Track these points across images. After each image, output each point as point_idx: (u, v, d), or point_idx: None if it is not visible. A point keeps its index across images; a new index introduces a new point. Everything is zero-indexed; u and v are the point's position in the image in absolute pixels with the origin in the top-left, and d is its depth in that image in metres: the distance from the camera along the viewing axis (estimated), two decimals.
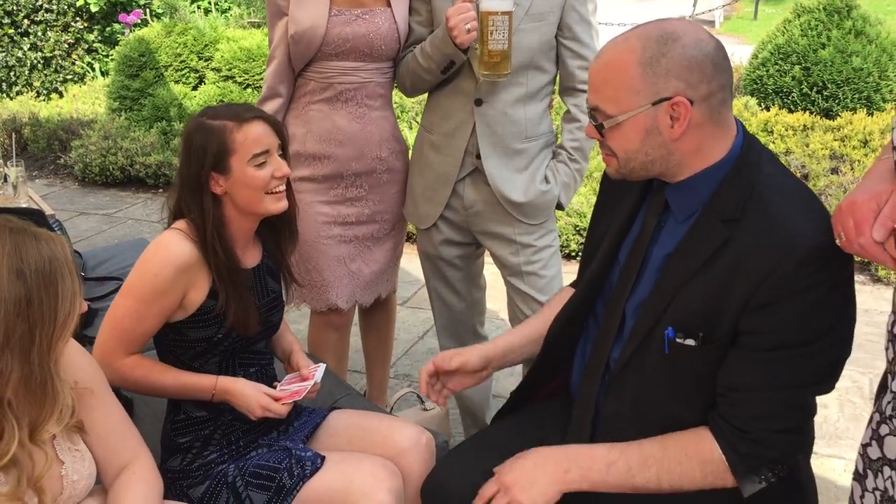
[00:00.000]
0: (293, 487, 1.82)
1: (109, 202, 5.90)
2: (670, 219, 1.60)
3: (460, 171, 2.45)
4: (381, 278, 2.69)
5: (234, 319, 1.87)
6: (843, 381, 3.40)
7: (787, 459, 1.52)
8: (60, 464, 1.50)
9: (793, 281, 1.41)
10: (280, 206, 1.90)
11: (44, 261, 1.33)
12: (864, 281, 4.43)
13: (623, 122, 1.50)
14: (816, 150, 5.19)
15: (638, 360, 1.61)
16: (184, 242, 1.83)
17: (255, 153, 1.84)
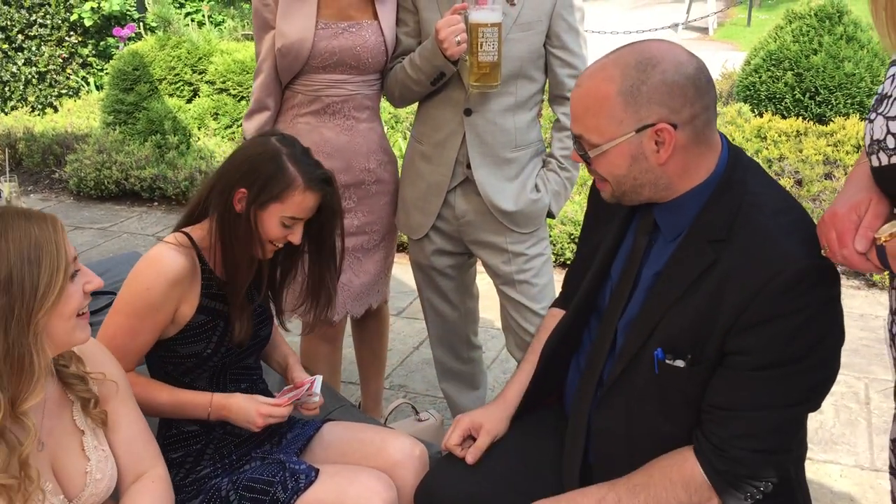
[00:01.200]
0: (287, 501, 1.81)
1: (104, 216, 5.90)
2: (659, 238, 1.60)
3: (451, 180, 2.46)
4: (372, 289, 2.69)
5: (236, 328, 1.88)
6: (838, 385, 3.42)
7: (763, 478, 1.51)
8: (86, 460, 1.55)
9: (778, 304, 1.41)
10: (266, 256, 1.93)
11: (30, 238, 1.38)
12: (858, 286, 4.44)
13: (608, 150, 1.51)
14: (810, 155, 5.20)
15: (627, 379, 1.61)
16: (176, 255, 1.83)
17: (293, 216, 1.87)
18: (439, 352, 2.79)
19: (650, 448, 1.59)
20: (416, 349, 3.87)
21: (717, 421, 1.51)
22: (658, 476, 1.54)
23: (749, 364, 1.45)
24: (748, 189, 1.52)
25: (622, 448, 1.62)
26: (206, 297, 1.88)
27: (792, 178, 5.13)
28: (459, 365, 2.81)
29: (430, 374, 3.59)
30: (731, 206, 1.50)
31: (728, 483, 1.50)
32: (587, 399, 1.70)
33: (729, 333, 1.46)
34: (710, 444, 1.51)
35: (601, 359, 1.68)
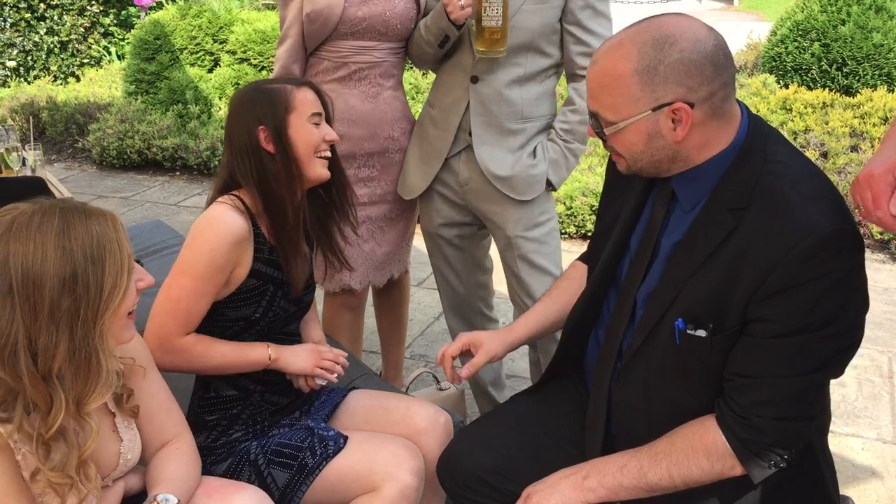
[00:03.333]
0: (316, 467, 1.83)
1: (127, 185, 5.94)
2: (677, 208, 1.59)
3: (453, 146, 2.45)
4: (394, 259, 2.70)
5: (292, 277, 1.92)
6: (861, 359, 3.41)
7: (786, 446, 1.51)
8: (119, 441, 1.57)
9: (800, 271, 1.40)
10: (325, 174, 1.94)
11: (91, 236, 1.36)
12: (883, 259, 4.40)
13: (624, 127, 1.50)
14: (836, 127, 5.14)
15: (647, 350, 1.61)
16: (235, 215, 1.83)
17: (313, 112, 1.91)
18: (453, 322, 2.79)
19: (670, 419, 1.59)
20: (437, 319, 3.88)
21: (738, 388, 1.50)
22: (680, 444, 1.54)
23: (770, 332, 1.45)
24: (768, 157, 1.50)
25: (643, 420, 1.62)
26: (258, 261, 1.89)
27: (817, 151, 5.07)
28: None
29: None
30: (751, 175, 1.49)
31: (750, 451, 1.50)
32: (607, 372, 1.70)
33: (750, 302, 1.45)
34: (731, 412, 1.51)
35: (620, 331, 1.67)
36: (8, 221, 1.34)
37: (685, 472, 1.53)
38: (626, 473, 1.56)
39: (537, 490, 1.61)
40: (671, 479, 1.54)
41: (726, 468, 1.52)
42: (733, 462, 1.52)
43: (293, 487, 1.82)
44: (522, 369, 3.43)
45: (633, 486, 1.56)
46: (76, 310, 1.35)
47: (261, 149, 1.87)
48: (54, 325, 1.34)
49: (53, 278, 1.32)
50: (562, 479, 1.61)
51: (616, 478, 1.57)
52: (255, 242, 1.88)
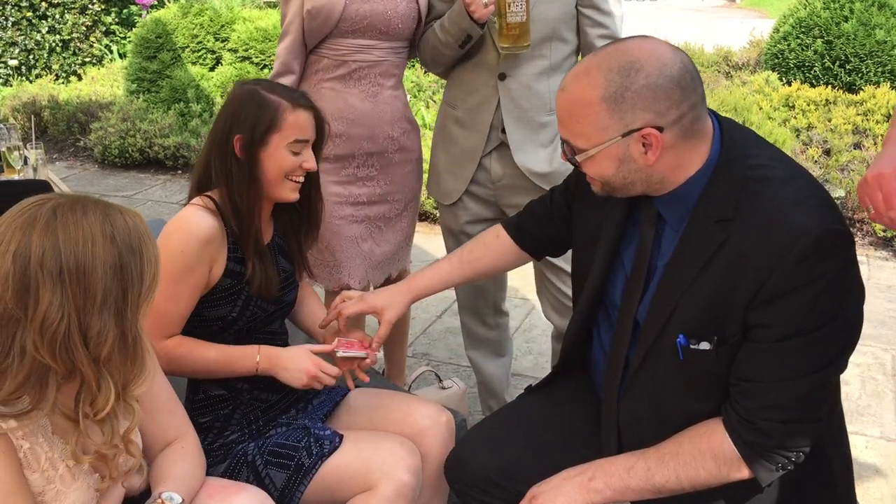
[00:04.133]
0: (312, 466, 1.82)
1: (129, 184, 5.93)
2: (667, 228, 1.59)
3: (486, 145, 2.44)
4: (393, 258, 2.69)
5: (258, 285, 1.89)
6: (864, 357, 3.40)
7: (792, 448, 1.50)
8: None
9: (795, 275, 1.40)
10: (292, 197, 1.91)
11: (129, 228, 1.39)
12: (886, 257, 4.39)
13: (594, 154, 1.49)
14: (839, 124, 5.13)
15: (650, 367, 1.61)
16: (205, 215, 1.84)
17: (297, 139, 1.86)
18: (467, 318, 2.80)
19: (679, 427, 1.58)
20: (439, 318, 3.88)
21: (743, 393, 1.50)
22: (688, 446, 1.54)
23: (772, 336, 1.45)
24: (749, 163, 1.50)
25: (649, 433, 1.61)
26: (233, 260, 1.89)
27: (820, 148, 5.06)
28: (486, 331, 2.81)
29: (452, 342, 3.61)
30: (734, 184, 1.48)
31: (757, 454, 1.50)
32: (614, 391, 1.70)
33: (749, 309, 1.45)
34: (737, 416, 1.51)
35: (623, 351, 1.68)
36: (50, 210, 1.35)
37: (692, 475, 1.52)
38: (633, 475, 1.55)
39: (542, 491, 1.59)
40: (678, 481, 1.53)
41: (733, 471, 1.52)
42: (740, 465, 1.51)
43: (291, 487, 1.82)
44: (526, 367, 3.43)
45: (640, 488, 1.56)
46: (124, 296, 1.37)
47: (233, 152, 1.86)
48: (106, 311, 1.36)
49: (105, 265, 1.35)
50: (566, 479, 1.59)
51: (623, 479, 1.56)
52: (227, 242, 1.88)
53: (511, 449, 1.79)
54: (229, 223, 1.89)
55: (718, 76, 6.45)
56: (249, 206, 1.86)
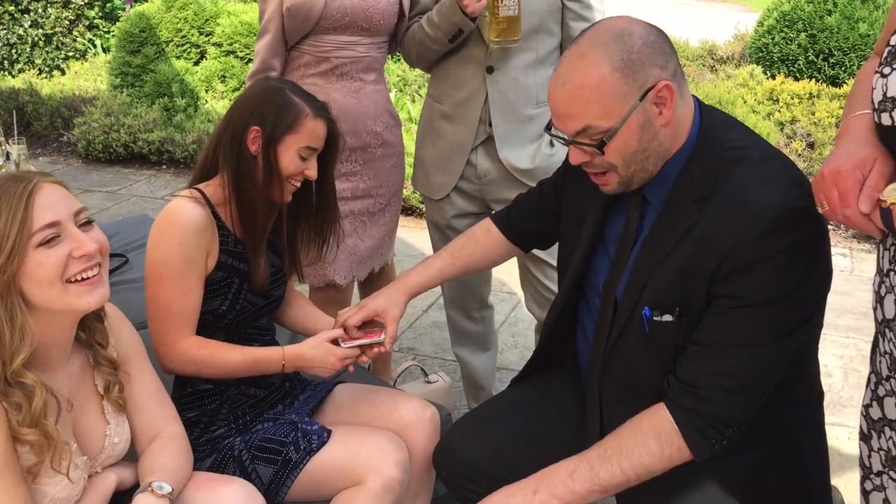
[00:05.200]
0: (300, 461, 1.82)
1: (113, 179, 5.90)
2: (650, 210, 1.62)
3: (474, 139, 2.44)
4: (377, 253, 2.70)
5: (259, 279, 1.90)
6: (847, 349, 3.42)
7: (731, 420, 1.51)
8: (106, 424, 1.59)
9: (756, 250, 1.43)
10: (286, 199, 1.92)
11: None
12: (869, 249, 4.42)
13: (619, 129, 1.50)
14: (822, 118, 5.15)
15: (624, 343, 1.63)
16: (193, 206, 1.84)
17: (308, 146, 1.88)
18: (452, 312, 2.80)
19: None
20: (425, 312, 3.88)
21: (692, 356, 1.52)
22: (629, 433, 1.54)
23: (730, 304, 1.48)
24: (725, 145, 1.54)
25: (632, 411, 1.62)
26: (224, 253, 1.88)
27: (804, 141, 5.08)
28: (471, 325, 2.82)
29: (438, 336, 3.61)
30: (711, 164, 1.52)
31: (695, 425, 1.50)
32: (596, 372, 1.72)
33: (713, 282, 1.48)
34: (679, 382, 1.52)
35: (605, 332, 1.69)
36: None
37: (636, 462, 1.52)
38: (577, 478, 1.54)
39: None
40: (623, 474, 1.52)
41: (674, 450, 1.52)
42: (680, 442, 1.51)
43: (278, 482, 1.82)
44: (512, 361, 3.44)
45: (587, 491, 1.54)
46: None
47: (245, 143, 1.86)
48: None
49: None
50: (509, 496, 1.57)
51: (567, 485, 1.54)
52: (219, 234, 1.88)
53: (498, 438, 1.80)
54: (220, 216, 1.88)
55: (703, 70, 6.47)
56: (267, 198, 1.88)
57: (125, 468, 1.65)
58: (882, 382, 1.42)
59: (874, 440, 1.46)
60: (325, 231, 2.07)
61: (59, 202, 1.45)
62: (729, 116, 1.63)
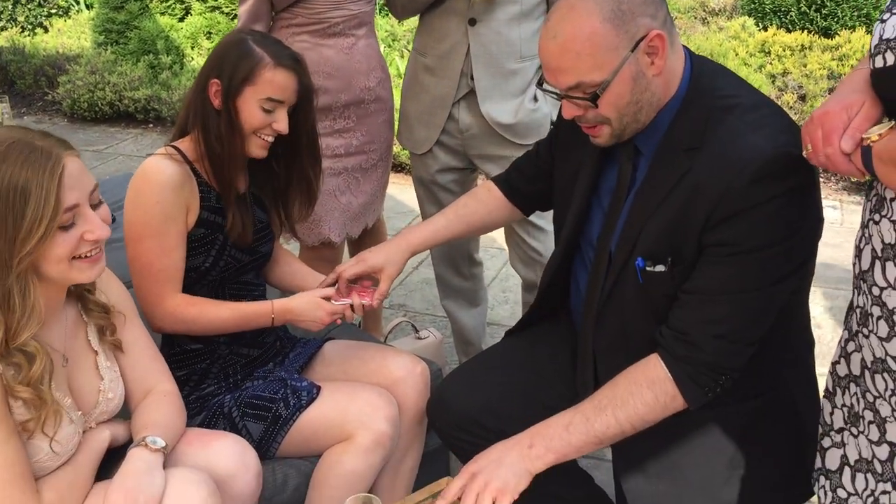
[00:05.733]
0: (289, 417, 1.83)
1: (99, 138, 5.84)
2: (642, 160, 1.61)
3: (456, 93, 2.42)
4: (370, 209, 2.69)
5: (237, 234, 1.87)
6: (837, 300, 3.43)
7: (723, 368, 1.52)
8: (100, 379, 1.59)
9: (746, 197, 1.43)
10: (258, 154, 1.88)
11: (17, 180, 1.36)
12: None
13: (612, 81, 1.48)
14: (814, 70, 5.12)
15: (618, 294, 1.63)
16: (168, 163, 1.81)
17: (269, 97, 1.82)
18: (441, 269, 2.80)
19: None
20: (416, 269, 3.88)
21: (684, 305, 1.53)
22: (623, 384, 1.55)
23: (722, 252, 1.48)
24: (716, 94, 1.54)
25: (626, 361, 1.63)
26: (205, 209, 1.87)
27: (795, 94, 5.06)
28: (461, 281, 2.82)
29: (429, 293, 3.61)
30: (702, 113, 1.52)
31: (687, 374, 1.51)
32: (590, 322, 1.72)
33: (704, 230, 1.48)
34: (671, 331, 1.53)
35: (599, 284, 1.69)
36: None
37: (631, 412, 1.53)
38: (573, 431, 1.54)
39: (482, 467, 1.56)
40: (619, 424, 1.53)
41: (669, 399, 1.53)
42: (674, 390, 1.52)
43: (268, 438, 1.83)
44: (503, 317, 3.44)
45: (582, 443, 1.55)
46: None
47: (208, 98, 1.83)
48: None
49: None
50: (505, 452, 1.57)
51: (563, 438, 1.55)
52: (199, 191, 1.86)
53: (491, 388, 1.80)
54: (199, 172, 1.86)
55: (695, 22, 6.40)
56: (230, 154, 1.84)
57: (118, 425, 1.66)
58: (852, 338, 1.43)
59: (838, 397, 1.48)
60: (310, 188, 2.03)
61: (78, 181, 1.43)
62: (719, 65, 1.63)
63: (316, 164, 2.01)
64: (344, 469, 1.81)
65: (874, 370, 1.36)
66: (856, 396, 1.42)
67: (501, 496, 1.52)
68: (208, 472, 1.58)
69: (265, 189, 2.02)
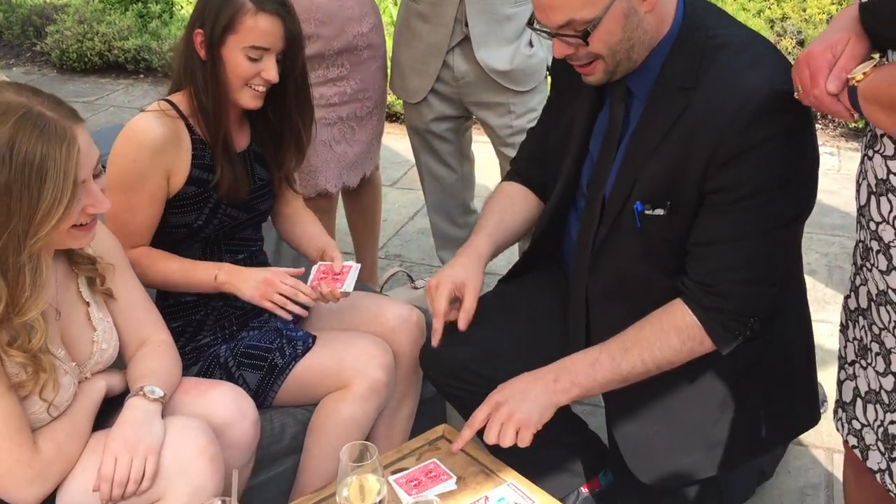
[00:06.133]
0: (286, 366, 1.84)
1: (89, 89, 5.77)
2: (634, 102, 1.60)
3: (450, 40, 2.38)
4: (366, 157, 2.67)
5: (227, 189, 1.83)
6: (832, 246, 3.43)
7: (750, 313, 1.55)
8: (93, 330, 1.59)
9: (748, 135, 1.43)
10: (252, 105, 1.83)
11: (35, 156, 1.32)
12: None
13: (603, 17, 1.47)
14: (813, 14, 5.06)
15: (614, 240, 1.63)
16: (155, 123, 1.78)
17: (252, 45, 1.76)
18: (437, 218, 2.79)
19: (650, 303, 1.61)
20: (411, 219, 3.86)
21: (701, 258, 1.54)
22: (649, 329, 1.57)
23: (728, 198, 1.48)
24: (709, 33, 1.53)
25: (620, 311, 1.63)
26: (198, 167, 1.84)
27: (794, 39, 5.00)
28: (456, 230, 2.81)
29: (424, 243, 3.60)
30: (695, 52, 1.51)
31: (716, 321, 1.54)
32: (583, 271, 1.72)
33: (706, 174, 1.48)
34: (695, 283, 1.55)
35: (592, 229, 1.69)
36: None
37: (658, 356, 1.56)
38: (599, 368, 1.58)
39: (507, 397, 1.58)
40: (644, 365, 1.56)
41: (696, 344, 1.56)
42: (702, 336, 1.55)
43: (265, 387, 1.84)
44: (498, 266, 3.42)
45: (607, 380, 1.58)
46: (7, 220, 1.33)
47: (194, 50, 1.79)
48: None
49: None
50: (530, 384, 1.59)
51: (588, 374, 1.58)
52: (193, 148, 1.82)
53: (485, 336, 1.81)
54: (194, 127, 1.83)
55: None
56: (216, 107, 1.80)
57: (114, 375, 1.66)
58: (858, 272, 1.45)
59: (850, 330, 1.50)
60: (299, 137, 1.98)
61: (86, 156, 1.41)
62: (711, 4, 1.61)
63: (305, 113, 1.96)
64: (341, 417, 1.82)
65: (879, 302, 1.38)
66: (864, 329, 1.44)
67: (525, 428, 1.55)
68: (206, 421, 1.59)
69: (265, 142, 1.98)
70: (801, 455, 2.36)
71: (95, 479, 1.48)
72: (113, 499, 1.47)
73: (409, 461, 1.67)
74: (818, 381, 1.86)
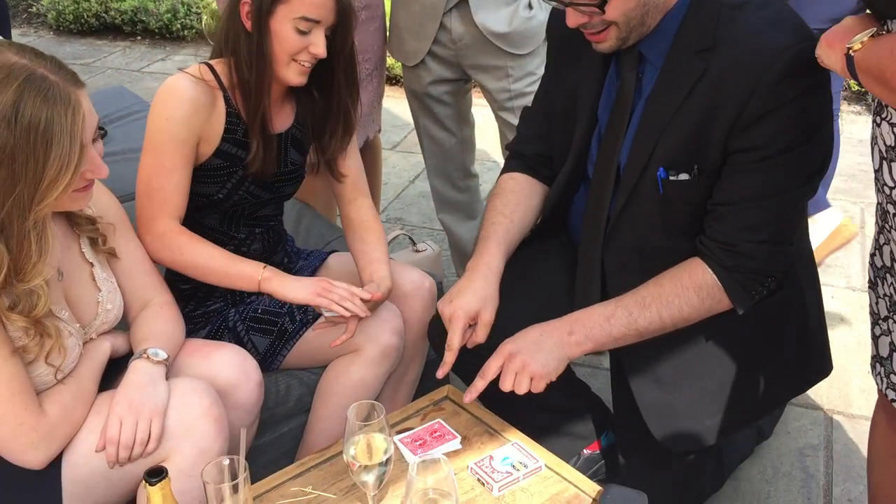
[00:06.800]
0: (296, 332, 1.84)
1: (86, 51, 5.72)
2: (647, 68, 1.59)
3: (447, 1, 2.35)
4: (368, 119, 2.64)
5: (256, 168, 1.78)
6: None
7: (771, 271, 1.56)
8: (97, 290, 1.59)
9: (778, 93, 1.43)
10: (297, 81, 1.76)
11: (40, 121, 1.31)
12: (859, 111, 4.38)
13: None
14: None
15: (632, 208, 1.62)
16: (190, 83, 1.73)
17: (303, 16, 1.69)
18: (437, 181, 2.78)
19: (665, 268, 1.61)
20: (412, 182, 3.85)
21: (722, 218, 1.54)
22: (668, 285, 1.57)
23: (757, 156, 1.48)
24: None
25: (638, 279, 1.63)
26: (228, 141, 1.79)
27: None
28: (456, 194, 2.80)
29: (426, 206, 3.60)
30: (711, 13, 1.50)
31: (737, 281, 1.55)
32: (597, 241, 1.71)
33: (732, 133, 1.48)
34: (716, 243, 1.55)
35: (606, 199, 1.67)
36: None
37: (675, 313, 1.56)
38: (615, 322, 1.58)
39: (520, 348, 1.58)
40: (661, 322, 1.57)
41: (714, 302, 1.57)
42: (721, 295, 1.56)
43: (273, 352, 1.84)
44: None
45: (622, 335, 1.59)
46: (12, 185, 1.32)
47: (240, 20, 1.72)
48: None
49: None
50: (544, 336, 1.59)
51: (603, 328, 1.58)
52: (226, 121, 1.77)
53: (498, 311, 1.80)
54: (232, 101, 1.78)
55: None
56: (259, 81, 1.74)
57: (118, 336, 1.67)
58: (882, 232, 1.46)
59: (880, 287, 1.51)
60: (347, 118, 1.90)
61: (89, 122, 1.39)
62: None
63: (354, 92, 1.88)
64: (351, 379, 1.83)
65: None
66: (892, 286, 1.45)
67: (538, 379, 1.55)
68: (210, 383, 1.60)
69: (309, 124, 1.91)
70: (801, 416, 2.39)
71: (100, 439, 1.49)
72: (119, 461, 1.48)
73: (413, 421, 1.69)
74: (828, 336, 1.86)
